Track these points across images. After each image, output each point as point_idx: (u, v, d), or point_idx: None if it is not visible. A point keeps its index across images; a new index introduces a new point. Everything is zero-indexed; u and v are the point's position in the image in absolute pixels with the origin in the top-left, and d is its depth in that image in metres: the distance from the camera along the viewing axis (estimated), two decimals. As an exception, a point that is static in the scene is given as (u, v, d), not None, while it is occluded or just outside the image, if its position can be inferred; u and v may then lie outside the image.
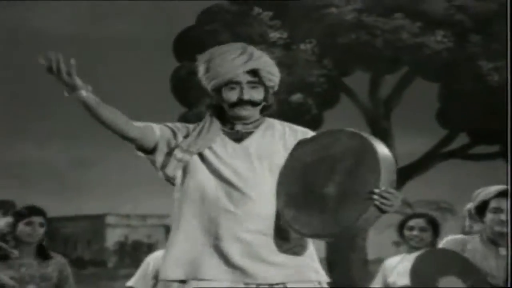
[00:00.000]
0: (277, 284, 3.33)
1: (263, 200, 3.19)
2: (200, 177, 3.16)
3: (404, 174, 9.29)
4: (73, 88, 2.78)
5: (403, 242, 6.76)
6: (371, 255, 9.50)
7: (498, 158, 9.39)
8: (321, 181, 3.24)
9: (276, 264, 3.28)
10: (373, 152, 3.02)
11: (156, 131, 3.02)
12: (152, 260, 6.59)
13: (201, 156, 3.17)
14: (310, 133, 3.31)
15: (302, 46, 9.32)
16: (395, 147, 9.23)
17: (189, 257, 3.21)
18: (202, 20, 10.04)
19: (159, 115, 3.62)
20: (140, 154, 3.07)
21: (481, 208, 4.55)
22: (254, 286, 3.17)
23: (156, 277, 6.26)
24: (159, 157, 3.07)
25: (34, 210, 6.30)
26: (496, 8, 9.52)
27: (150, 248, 9.65)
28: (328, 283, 3.42)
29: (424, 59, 9.28)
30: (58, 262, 6.55)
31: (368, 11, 9.40)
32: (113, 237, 10.20)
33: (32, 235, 6.11)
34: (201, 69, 3.15)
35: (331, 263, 9.23)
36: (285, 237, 3.29)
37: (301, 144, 3.25)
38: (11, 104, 11.12)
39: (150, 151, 2.94)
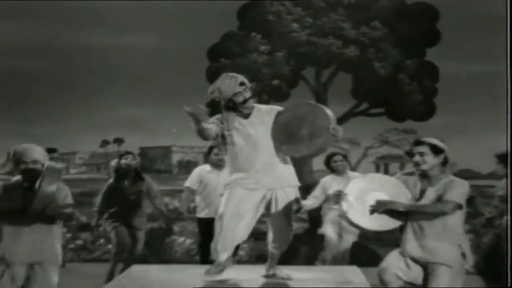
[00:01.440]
0: (274, 188, 5.46)
1: (264, 145, 5.39)
2: (236, 139, 5.40)
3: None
4: (197, 124, 5.06)
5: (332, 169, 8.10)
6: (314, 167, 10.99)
7: (383, 116, 11.51)
8: (297, 129, 5.30)
9: (275, 175, 5.44)
10: (322, 109, 5.28)
11: (214, 130, 5.38)
12: (197, 170, 8.31)
13: (236, 128, 5.42)
14: (279, 108, 5.53)
15: (278, 54, 11.59)
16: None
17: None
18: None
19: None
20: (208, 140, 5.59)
21: (410, 154, 5.56)
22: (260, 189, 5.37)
23: (199, 181, 8.04)
24: (215, 141, 5.60)
25: (129, 152, 8.26)
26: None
27: (195, 164, 10.97)
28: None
29: (345, 61, 11.54)
30: (147, 180, 8.28)
31: (316, 35, 11.54)
32: (175, 158, 12.09)
33: (131, 165, 8.03)
34: (214, 94, 5.44)
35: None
36: (278, 161, 5.44)
37: (279, 113, 5.45)
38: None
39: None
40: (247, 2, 11.52)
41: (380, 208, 5.39)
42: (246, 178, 5.55)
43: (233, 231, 5.62)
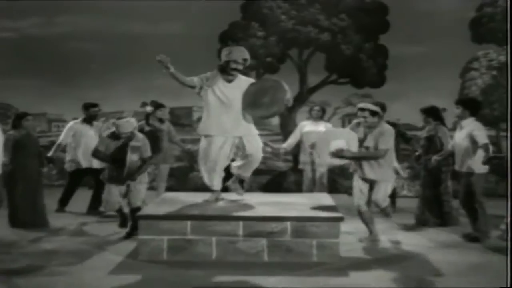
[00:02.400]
0: (239, 135, 5.97)
1: (236, 106, 5.84)
2: (210, 98, 5.84)
3: (308, 91, 11.55)
4: (167, 68, 5.49)
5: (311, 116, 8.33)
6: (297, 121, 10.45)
7: (347, 84, 11.52)
8: (261, 97, 5.74)
9: (242, 125, 5.95)
10: (282, 85, 5.77)
11: (196, 81, 5.78)
12: None
13: (212, 89, 5.84)
14: (253, 80, 6.00)
15: (271, 38, 11.48)
16: (309, 82, 11.57)
17: (208, 124, 5.92)
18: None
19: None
20: (191, 89, 5.85)
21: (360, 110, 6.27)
22: (233, 136, 5.92)
23: None
24: (197, 90, 5.83)
25: (162, 104, 8.46)
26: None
27: None
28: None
29: (320, 44, 11.47)
30: (167, 124, 8.38)
31: (299, 24, 11.50)
32: (195, 115, 11.60)
33: (164, 114, 8.45)
34: (225, 52, 5.92)
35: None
36: (241, 117, 5.88)
37: (251, 84, 5.89)
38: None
39: (194, 88, 5.80)
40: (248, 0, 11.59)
41: (337, 155, 6.21)
42: (219, 127, 5.93)
43: (214, 165, 6.14)
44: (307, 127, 8.21)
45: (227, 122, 5.90)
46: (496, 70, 10.63)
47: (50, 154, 8.06)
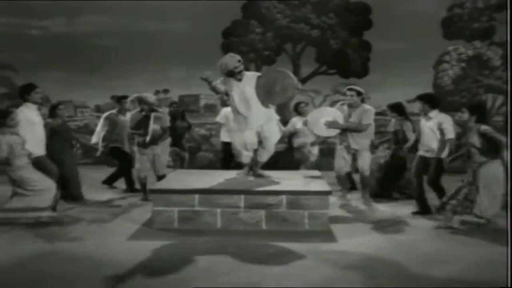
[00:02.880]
0: (262, 124, 5.73)
1: (254, 99, 5.63)
2: (235, 99, 5.70)
3: (301, 81, 10.66)
4: (209, 83, 5.43)
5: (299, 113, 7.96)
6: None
7: (336, 75, 11.31)
8: (272, 87, 5.50)
9: (263, 114, 5.76)
10: (288, 73, 5.51)
11: (222, 87, 5.65)
12: (223, 110, 7.88)
13: (231, 92, 5.69)
14: (258, 74, 5.67)
15: (268, 34, 11.43)
16: (302, 72, 11.41)
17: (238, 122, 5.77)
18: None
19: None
20: (217, 94, 5.93)
21: (345, 94, 6.67)
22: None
23: (225, 117, 7.34)
24: (224, 93, 5.74)
25: (175, 102, 8.95)
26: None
27: (215, 107, 11.18)
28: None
29: (311, 39, 11.40)
30: (187, 120, 8.44)
31: (292, 22, 11.42)
32: (202, 102, 11.57)
33: (178, 110, 8.27)
34: (222, 67, 5.59)
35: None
36: (262, 107, 5.70)
37: (259, 77, 5.61)
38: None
39: (221, 93, 5.76)
40: (248, 1, 11.53)
41: (331, 126, 6.62)
42: (245, 121, 5.80)
43: (241, 150, 6.09)
44: (299, 125, 8.00)
45: (251, 116, 5.81)
46: (465, 63, 10.65)
47: (93, 141, 7.93)
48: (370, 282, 3.98)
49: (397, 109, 7.33)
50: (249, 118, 5.74)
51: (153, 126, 6.91)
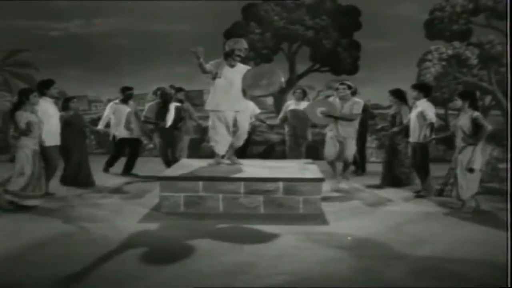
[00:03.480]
0: (238, 110, 5.75)
1: (236, 86, 5.63)
2: (217, 80, 5.63)
3: (297, 77, 11.18)
4: (198, 58, 5.23)
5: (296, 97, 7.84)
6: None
7: (328, 72, 11.16)
8: (260, 79, 5.52)
9: (241, 102, 5.73)
10: (277, 71, 5.60)
11: (209, 67, 5.52)
12: None
13: (221, 71, 5.64)
14: (249, 67, 5.72)
15: (266, 34, 11.17)
16: (297, 70, 11.20)
17: (214, 101, 5.71)
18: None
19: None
20: (205, 74, 5.61)
21: (337, 89, 6.76)
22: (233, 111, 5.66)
23: None
24: (213, 74, 5.60)
25: (181, 88, 8.39)
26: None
27: None
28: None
29: (306, 39, 11.12)
30: (186, 104, 8.16)
31: (289, 23, 11.16)
32: (206, 96, 10.59)
33: (182, 96, 8.15)
34: (231, 42, 5.70)
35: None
36: (242, 95, 5.66)
37: (249, 70, 5.70)
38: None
39: (210, 73, 5.58)
40: (248, 3, 11.27)
41: (326, 114, 6.68)
42: (223, 103, 5.72)
43: (221, 136, 6.00)
44: (291, 106, 7.92)
45: (229, 99, 5.69)
46: (445, 61, 10.57)
47: (99, 127, 7.96)
48: (360, 262, 3.94)
49: (397, 94, 7.20)
50: (226, 97, 5.67)
51: (169, 116, 7.38)
